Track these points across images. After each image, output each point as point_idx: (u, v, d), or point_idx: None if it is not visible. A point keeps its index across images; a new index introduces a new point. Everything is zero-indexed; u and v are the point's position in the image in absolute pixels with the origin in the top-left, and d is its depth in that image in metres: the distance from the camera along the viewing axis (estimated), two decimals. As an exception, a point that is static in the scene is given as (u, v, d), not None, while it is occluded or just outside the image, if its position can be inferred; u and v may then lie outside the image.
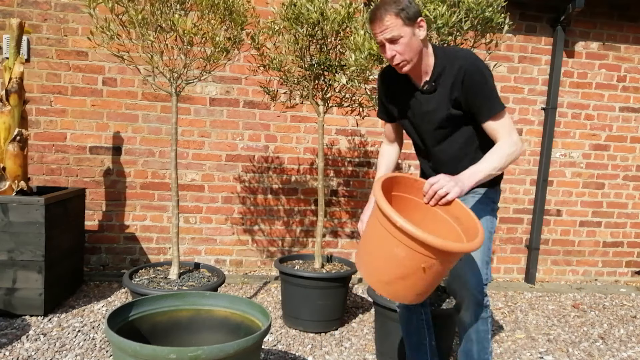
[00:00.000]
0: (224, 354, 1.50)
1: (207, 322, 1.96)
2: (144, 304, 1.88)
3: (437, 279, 1.56)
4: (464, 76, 1.73)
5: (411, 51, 1.72)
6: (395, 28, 1.68)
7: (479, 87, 1.73)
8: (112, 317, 1.73)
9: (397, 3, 1.68)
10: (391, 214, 1.47)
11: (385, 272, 1.56)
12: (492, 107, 1.74)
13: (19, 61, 2.87)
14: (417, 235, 1.44)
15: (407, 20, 1.68)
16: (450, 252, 1.49)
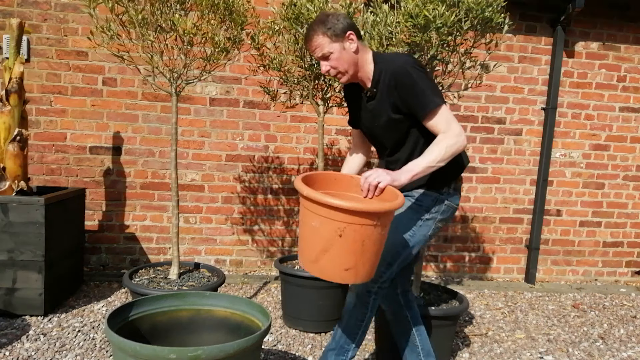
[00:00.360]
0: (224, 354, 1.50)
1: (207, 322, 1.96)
2: (144, 304, 1.88)
3: (362, 249, 1.55)
4: (395, 81, 1.81)
5: (344, 63, 1.85)
6: (324, 46, 1.82)
7: (410, 89, 1.79)
8: (112, 317, 1.73)
9: (324, 23, 1.82)
10: (301, 188, 1.56)
11: (312, 249, 1.59)
12: (426, 106, 1.79)
13: (19, 61, 2.87)
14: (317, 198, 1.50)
15: (334, 37, 1.82)
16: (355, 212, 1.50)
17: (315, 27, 1.83)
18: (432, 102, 1.78)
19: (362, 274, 1.61)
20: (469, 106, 4.03)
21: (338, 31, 1.82)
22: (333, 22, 1.82)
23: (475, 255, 4.20)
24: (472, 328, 3.11)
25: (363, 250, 1.56)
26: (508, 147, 4.11)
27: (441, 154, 1.74)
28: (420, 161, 1.74)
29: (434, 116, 1.79)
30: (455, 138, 1.76)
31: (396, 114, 1.87)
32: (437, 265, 4.17)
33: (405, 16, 2.22)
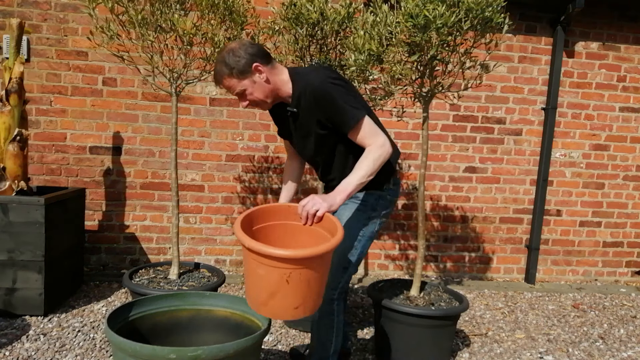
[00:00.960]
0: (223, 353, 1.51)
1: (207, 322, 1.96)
2: (144, 304, 1.88)
3: (308, 287, 1.59)
4: (314, 99, 1.82)
5: (260, 95, 1.85)
6: (235, 86, 1.83)
7: (330, 107, 1.81)
8: (112, 317, 1.73)
9: (226, 65, 1.81)
10: (243, 239, 1.58)
11: (259, 294, 1.62)
12: (348, 122, 1.81)
13: (19, 61, 2.87)
14: (261, 250, 1.54)
15: (240, 75, 1.81)
16: (298, 260, 1.54)
17: (219, 69, 1.83)
18: (353, 118, 1.80)
19: (310, 307, 1.66)
20: (469, 106, 4.03)
21: (242, 68, 1.81)
22: (235, 60, 1.80)
23: (475, 255, 4.20)
24: (472, 328, 3.11)
25: (309, 288, 1.61)
26: (508, 147, 4.11)
27: (370, 168, 1.77)
28: (351, 179, 1.76)
29: (357, 131, 1.82)
30: (380, 150, 1.79)
31: (322, 130, 1.89)
32: (437, 265, 4.17)
33: (405, 16, 2.22)
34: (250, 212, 1.79)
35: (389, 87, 2.44)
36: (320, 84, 1.80)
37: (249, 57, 1.81)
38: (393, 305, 2.37)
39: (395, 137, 3.98)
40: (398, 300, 2.46)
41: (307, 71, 1.92)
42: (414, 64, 2.37)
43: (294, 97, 1.89)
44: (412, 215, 4.07)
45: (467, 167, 4.09)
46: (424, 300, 2.51)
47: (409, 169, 4.03)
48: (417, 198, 3.63)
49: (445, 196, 4.09)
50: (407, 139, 4.00)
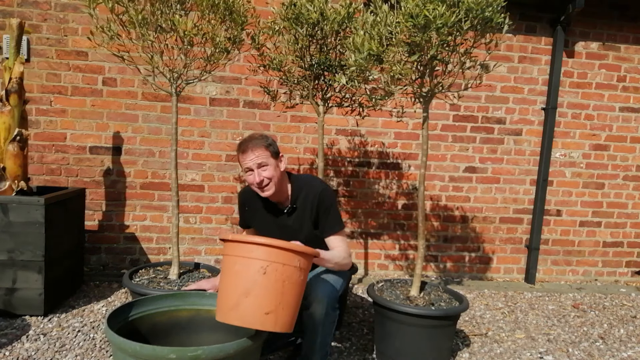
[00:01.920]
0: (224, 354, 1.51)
1: (207, 322, 1.96)
2: (144, 304, 1.88)
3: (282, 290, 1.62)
4: (318, 201, 2.15)
5: (275, 178, 2.11)
6: (264, 157, 2.08)
7: (327, 210, 2.16)
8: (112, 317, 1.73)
9: (265, 140, 2.12)
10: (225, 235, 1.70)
11: (232, 294, 1.62)
12: (334, 227, 2.17)
13: (19, 61, 2.87)
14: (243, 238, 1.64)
15: (273, 154, 2.12)
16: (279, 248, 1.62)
17: (256, 140, 2.10)
18: (339, 225, 2.18)
19: (281, 320, 1.64)
20: (469, 106, 4.03)
21: (276, 150, 2.14)
22: (272, 143, 2.13)
23: (475, 255, 4.20)
24: (472, 328, 3.11)
25: (283, 292, 1.62)
26: (508, 147, 4.11)
27: (339, 259, 2.10)
28: (326, 253, 2.02)
29: (336, 236, 2.16)
30: (348, 258, 2.16)
31: (315, 230, 2.20)
32: (437, 265, 4.17)
33: (405, 16, 2.22)
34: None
35: (389, 87, 2.44)
36: (324, 190, 2.18)
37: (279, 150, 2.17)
38: (393, 305, 2.37)
39: (395, 137, 3.98)
40: (398, 300, 2.46)
41: (308, 178, 2.30)
42: (414, 64, 2.37)
43: (293, 196, 2.21)
44: (412, 215, 4.07)
45: (467, 167, 4.09)
46: (424, 300, 2.51)
47: (409, 169, 4.03)
48: (417, 198, 3.63)
49: (445, 196, 4.09)
50: (407, 139, 4.00)
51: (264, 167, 2.08)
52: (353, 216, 4.01)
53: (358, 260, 4.06)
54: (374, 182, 4.01)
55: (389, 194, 4.03)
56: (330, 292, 2.06)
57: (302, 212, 2.19)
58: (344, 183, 3.98)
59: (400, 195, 4.05)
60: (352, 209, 4.00)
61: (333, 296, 2.06)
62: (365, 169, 3.99)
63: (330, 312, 2.04)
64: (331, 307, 2.04)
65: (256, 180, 2.08)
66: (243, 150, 2.09)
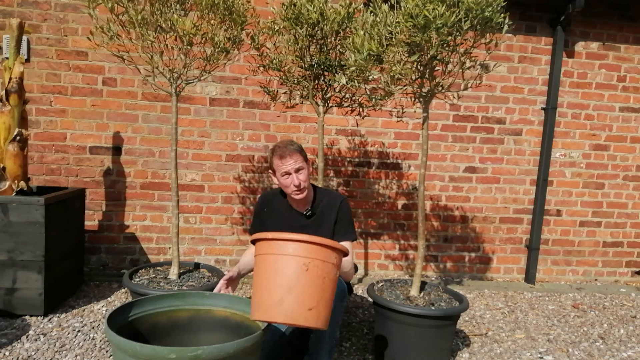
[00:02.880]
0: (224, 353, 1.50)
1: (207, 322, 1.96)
2: (144, 304, 1.87)
3: (323, 286, 1.64)
4: (339, 208, 2.32)
5: (307, 181, 2.25)
6: (300, 161, 2.22)
7: (345, 219, 2.33)
8: (112, 317, 1.73)
9: (297, 145, 2.26)
10: (264, 234, 1.69)
11: (274, 292, 1.62)
12: (349, 236, 2.31)
13: (19, 61, 2.87)
14: (285, 236, 1.64)
15: (305, 159, 2.25)
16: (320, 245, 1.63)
17: (292, 146, 2.23)
18: (353, 235, 2.34)
19: (322, 317, 1.65)
20: (469, 106, 4.03)
21: (306, 156, 2.27)
22: (302, 149, 2.27)
23: (475, 255, 4.20)
24: (472, 328, 3.11)
25: (324, 288, 1.64)
26: (508, 147, 4.11)
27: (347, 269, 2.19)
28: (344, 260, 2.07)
29: (347, 243, 2.24)
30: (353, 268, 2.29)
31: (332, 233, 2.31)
32: (437, 265, 4.17)
33: (405, 16, 2.22)
34: None
35: (389, 87, 2.44)
36: (344, 200, 2.36)
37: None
38: (393, 305, 2.37)
39: (395, 137, 3.98)
40: (398, 300, 2.46)
41: (327, 189, 2.49)
42: (414, 64, 2.37)
43: (315, 201, 2.35)
44: (412, 215, 4.07)
45: (467, 167, 4.09)
46: (424, 300, 2.51)
47: (409, 169, 4.03)
48: (417, 198, 3.63)
49: (445, 196, 4.09)
50: (407, 139, 4.00)
51: (300, 171, 2.20)
52: (353, 216, 4.00)
53: (358, 260, 4.06)
54: (374, 182, 4.01)
55: (389, 194, 4.03)
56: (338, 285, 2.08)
57: (321, 217, 2.32)
58: (344, 183, 3.98)
59: (400, 195, 4.05)
60: (352, 209, 3.99)
61: (339, 290, 2.10)
62: (365, 169, 3.99)
63: (337, 304, 2.05)
64: (338, 299, 2.06)
65: (294, 182, 2.20)
66: (281, 155, 2.20)
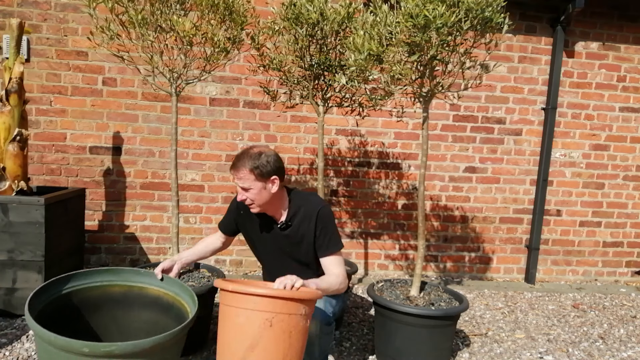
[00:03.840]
0: (139, 349, 1.48)
1: (140, 299, 1.99)
2: (77, 278, 1.90)
3: (289, 342, 1.55)
4: (317, 217, 2.06)
5: (260, 200, 2.01)
6: (247, 180, 1.96)
7: (326, 228, 2.07)
8: (41, 291, 1.73)
9: (253, 161, 1.96)
10: (225, 284, 1.58)
11: (236, 349, 1.54)
12: (332, 247, 2.07)
13: (19, 61, 2.87)
14: (245, 289, 1.53)
15: (259, 177, 1.96)
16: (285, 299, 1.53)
17: (244, 160, 1.97)
18: (337, 245, 2.08)
19: None
20: (469, 106, 4.03)
21: (265, 173, 1.97)
22: (263, 163, 1.96)
23: (475, 255, 4.20)
24: (472, 328, 3.10)
25: (291, 343, 1.56)
26: (508, 147, 4.11)
27: (333, 286, 1.97)
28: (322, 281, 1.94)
29: (332, 257, 2.06)
30: (344, 282, 2.03)
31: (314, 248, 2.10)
32: (437, 265, 4.17)
33: (405, 16, 2.22)
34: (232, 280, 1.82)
35: (389, 87, 2.44)
36: (323, 207, 2.09)
37: (274, 169, 1.99)
38: (393, 305, 2.37)
39: (395, 137, 3.98)
40: (398, 300, 2.46)
41: (307, 194, 2.19)
42: (414, 64, 2.37)
43: (290, 212, 2.10)
44: (412, 215, 4.07)
45: (467, 167, 4.09)
46: (424, 300, 2.51)
47: (409, 169, 4.03)
48: (417, 198, 3.64)
49: (445, 196, 4.09)
50: (407, 139, 4.00)
51: (247, 190, 1.99)
52: (353, 216, 4.01)
53: (358, 260, 4.06)
54: (374, 182, 4.01)
55: (389, 194, 4.03)
56: (323, 310, 2.02)
57: (298, 229, 2.09)
58: (344, 183, 3.98)
59: (400, 195, 4.05)
60: (352, 209, 4.00)
61: (326, 314, 2.03)
62: (365, 169, 3.99)
63: (324, 327, 2.01)
64: (325, 322, 2.01)
65: (239, 198, 2.03)
66: (232, 166, 2.02)
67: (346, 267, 3.04)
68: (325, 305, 2.04)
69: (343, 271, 2.06)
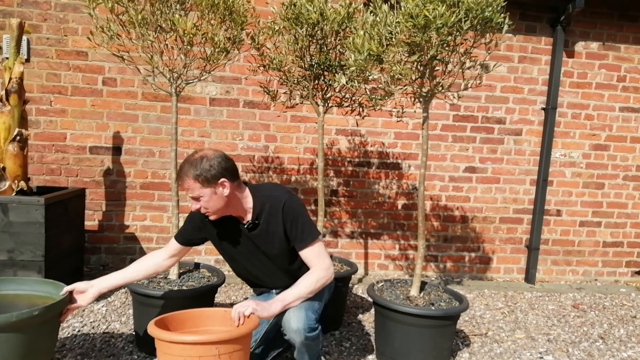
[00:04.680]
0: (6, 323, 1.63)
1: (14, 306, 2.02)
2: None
3: None
4: (283, 212, 1.97)
5: (214, 206, 1.91)
6: (194, 189, 1.87)
7: (295, 221, 1.97)
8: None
9: (195, 168, 1.86)
10: (150, 330, 1.67)
11: None
12: (305, 238, 1.97)
13: (19, 61, 2.87)
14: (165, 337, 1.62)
15: (205, 183, 1.86)
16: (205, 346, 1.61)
17: (186, 169, 1.87)
18: (310, 236, 1.98)
19: None
20: (469, 106, 4.03)
21: (210, 178, 1.86)
22: (205, 168, 1.85)
23: (475, 255, 4.20)
24: (472, 328, 3.11)
25: None
26: (508, 147, 4.11)
27: (311, 287, 1.92)
28: (292, 291, 1.91)
29: (309, 248, 1.97)
30: (325, 272, 1.95)
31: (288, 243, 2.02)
32: (437, 265, 4.17)
33: (405, 16, 2.22)
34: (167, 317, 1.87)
35: (389, 87, 2.44)
36: (288, 200, 1.98)
37: (219, 171, 1.88)
38: (393, 305, 2.37)
39: (395, 137, 3.98)
40: (398, 300, 2.46)
41: (270, 188, 2.07)
42: (414, 64, 2.37)
43: (255, 211, 2.00)
44: (412, 215, 4.07)
45: (467, 167, 4.09)
46: (424, 300, 2.51)
47: (409, 169, 4.03)
48: (417, 198, 3.64)
49: (445, 196, 4.09)
50: (407, 139, 4.00)
51: (197, 199, 1.90)
52: (353, 216, 4.01)
53: (358, 260, 4.06)
54: (374, 182, 4.02)
55: (389, 194, 4.04)
56: (305, 320, 1.93)
57: (267, 227, 2.01)
58: (344, 183, 3.98)
59: (400, 195, 4.05)
60: (352, 209, 4.00)
61: (308, 323, 1.93)
62: (365, 169, 3.99)
63: (308, 335, 1.94)
64: (308, 331, 1.93)
65: (193, 208, 1.95)
66: (176, 177, 1.93)
67: (346, 267, 3.05)
68: (307, 313, 1.93)
69: (323, 261, 1.98)
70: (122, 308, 3.05)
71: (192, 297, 2.41)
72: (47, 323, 1.83)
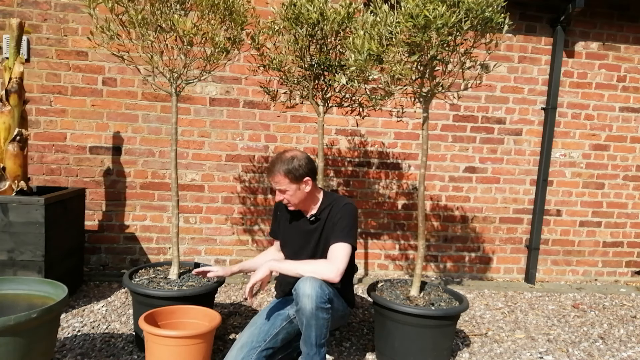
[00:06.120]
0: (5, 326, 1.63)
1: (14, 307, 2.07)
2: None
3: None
4: (339, 211, 2.22)
5: (296, 199, 2.24)
6: (283, 184, 2.19)
7: (343, 219, 2.20)
8: None
9: (287, 164, 2.18)
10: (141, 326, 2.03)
11: None
12: (342, 237, 2.15)
13: (19, 61, 2.87)
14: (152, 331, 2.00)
15: (293, 179, 2.18)
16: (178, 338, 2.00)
17: (278, 165, 2.18)
18: (345, 237, 2.15)
19: None
20: (469, 106, 4.03)
21: (298, 175, 2.18)
22: (295, 167, 2.17)
23: (475, 255, 4.20)
24: (472, 328, 3.11)
25: None
26: (508, 147, 4.11)
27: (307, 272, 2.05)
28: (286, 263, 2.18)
29: (337, 245, 2.14)
30: (330, 272, 2.06)
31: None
32: (437, 265, 4.17)
33: (405, 16, 2.22)
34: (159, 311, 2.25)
35: (389, 87, 2.44)
36: (348, 203, 2.26)
37: (306, 171, 2.20)
38: (393, 305, 2.37)
39: (395, 137, 3.98)
40: (398, 300, 2.46)
41: (340, 196, 2.39)
42: (414, 64, 2.37)
43: (320, 207, 2.31)
44: (412, 215, 4.07)
45: (467, 167, 4.09)
46: (424, 300, 2.51)
47: (409, 169, 4.03)
48: (417, 198, 3.64)
49: (445, 196, 4.09)
50: (407, 139, 4.00)
51: (284, 192, 2.21)
52: (353, 216, 4.00)
53: (358, 260, 4.06)
54: (374, 182, 4.02)
55: (389, 194, 4.04)
56: (319, 287, 1.98)
57: (324, 222, 2.27)
58: (344, 183, 3.98)
59: (400, 195, 4.05)
60: (352, 209, 4.00)
61: (321, 292, 1.98)
62: (365, 169, 3.99)
63: (320, 305, 1.97)
64: (320, 301, 1.97)
65: (277, 198, 2.27)
66: (267, 172, 2.23)
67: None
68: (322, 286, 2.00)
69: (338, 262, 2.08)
70: (122, 308, 3.05)
71: (192, 297, 2.41)
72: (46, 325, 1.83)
